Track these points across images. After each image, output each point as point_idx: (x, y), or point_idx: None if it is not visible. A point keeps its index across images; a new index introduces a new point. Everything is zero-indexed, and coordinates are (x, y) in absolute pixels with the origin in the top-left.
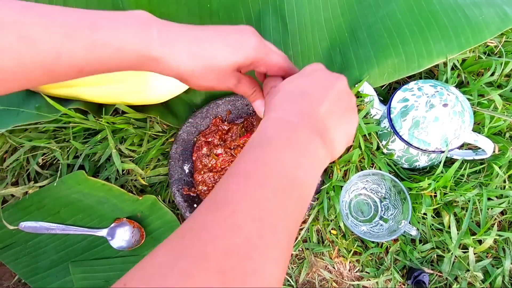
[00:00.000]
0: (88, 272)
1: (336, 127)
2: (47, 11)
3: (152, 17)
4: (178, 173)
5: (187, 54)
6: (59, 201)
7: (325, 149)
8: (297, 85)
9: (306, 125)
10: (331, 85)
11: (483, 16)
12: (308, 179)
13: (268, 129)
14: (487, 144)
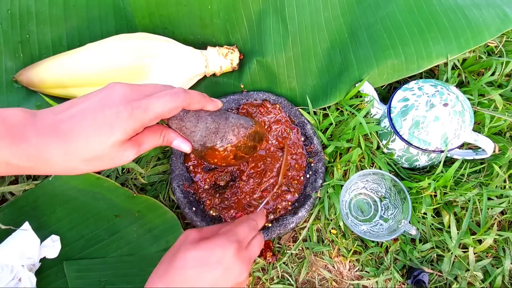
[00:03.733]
0: (82, 272)
1: None
2: None
3: (24, 119)
4: (179, 169)
5: (62, 157)
6: (54, 199)
7: None
8: (192, 276)
9: None
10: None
11: (483, 17)
12: None
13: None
14: (487, 144)
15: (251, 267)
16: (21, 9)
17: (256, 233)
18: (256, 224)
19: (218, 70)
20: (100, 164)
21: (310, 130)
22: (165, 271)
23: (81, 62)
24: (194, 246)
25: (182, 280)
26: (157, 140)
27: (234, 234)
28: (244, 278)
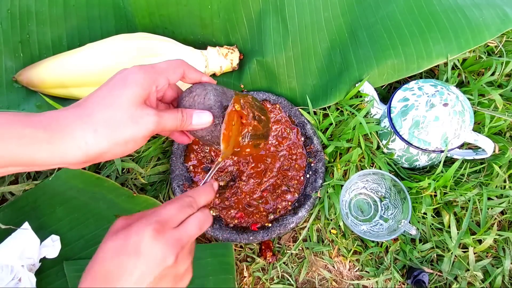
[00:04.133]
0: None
1: None
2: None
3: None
4: (179, 169)
5: (79, 121)
6: (54, 199)
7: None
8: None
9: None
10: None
11: (483, 17)
12: None
13: None
14: (487, 144)
15: (191, 250)
16: (21, 9)
17: (192, 210)
18: (192, 200)
19: (218, 70)
20: (121, 130)
21: (310, 130)
22: (90, 266)
23: (81, 62)
24: (114, 235)
25: (104, 273)
26: (176, 117)
27: (155, 215)
28: (171, 261)
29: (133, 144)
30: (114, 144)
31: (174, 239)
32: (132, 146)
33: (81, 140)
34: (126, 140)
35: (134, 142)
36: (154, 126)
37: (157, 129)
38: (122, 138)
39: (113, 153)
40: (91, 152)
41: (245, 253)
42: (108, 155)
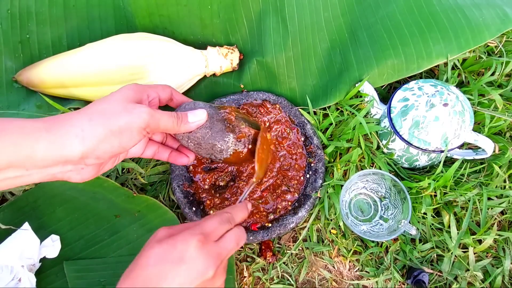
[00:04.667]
0: (83, 272)
1: None
2: None
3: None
4: (179, 169)
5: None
6: (54, 199)
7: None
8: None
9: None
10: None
11: (483, 17)
12: None
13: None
14: (487, 144)
15: (224, 263)
16: (21, 9)
17: (230, 226)
18: (230, 216)
19: (218, 70)
20: (116, 118)
21: (310, 130)
22: (130, 270)
23: (81, 62)
24: (158, 243)
25: (144, 278)
26: (171, 115)
27: (200, 227)
28: (211, 274)
29: (128, 135)
30: (109, 132)
31: (216, 252)
32: (128, 138)
33: (78, 128)
34: (120, 128)
35: (129, 132)
36: (148, 116)
37: (151, 121)
38: (117, 126)
39: (109, 145)
40: (88, 140)
41: (245, 253)
42: (105, 148)
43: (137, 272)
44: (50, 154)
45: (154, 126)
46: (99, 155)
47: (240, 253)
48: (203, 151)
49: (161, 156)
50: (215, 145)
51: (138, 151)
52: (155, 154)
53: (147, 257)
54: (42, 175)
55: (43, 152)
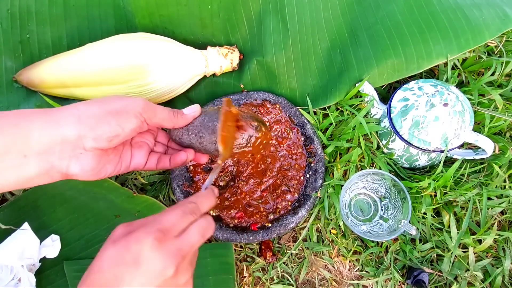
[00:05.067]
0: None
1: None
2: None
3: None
4: (179, 169)
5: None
6: (54, 199)
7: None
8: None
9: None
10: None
11: (483, 17)
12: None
13: None
14: (487, 144)
15: (192, 259)
16: (21, 9)
17: (194, 217)
18: (194, 206)
19: (218, 70)
20: (112, 102)
21: (310, 130)
22: (88, 273)
23: (81, 62)
24: (112, 244)
25: (100, 283)
26: (165, 108)
27: (157, 223)
28: (171, 273)
29: (125, 116)
30: (105, 112)
31: (175, 248)
32: (125, 118)
33: (73, 109)
34: (117, 109)
35: (125, 113)
36: (143, 103)
37: (147, 108)
38: (113, 107)
39: (106, 123)
40: (84, 117)
41: (245, 253)
42: (102, 127)
43: (93, 276)
44: (45, 134)
45: (151, 114)
46: (97, 135)
47: (240, 253)
48: (207, 139)
49: (164, 164)
50: (215, 126)
51: (141, 162)
52: (158, 164)
53: (101, 260)
54: (41, 163)
55: (38, 132)
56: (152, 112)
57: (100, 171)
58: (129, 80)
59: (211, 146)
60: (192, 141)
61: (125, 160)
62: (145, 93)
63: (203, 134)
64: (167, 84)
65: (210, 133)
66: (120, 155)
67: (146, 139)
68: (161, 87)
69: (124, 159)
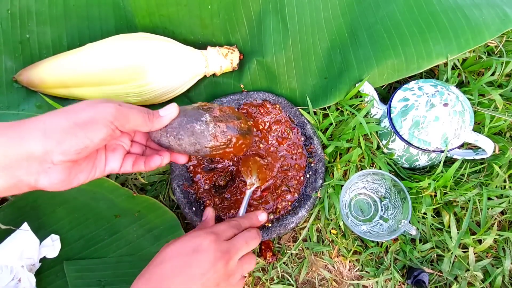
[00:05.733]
0: (82, 272)
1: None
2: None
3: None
4: (179, 169)
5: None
6: (54, 199)
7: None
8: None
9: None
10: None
11: (483, 17)
12: None
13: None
14: (487, 144)
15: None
16: (21, 9)
17: (238, 230)
18: (237, 223)
19: (218, 70)
20: (81, 112)
21: (310, 130)
22: (145, 271)
23: (81, 62)
24: (172, 243)
25: (160, 275)
26: (140, 110)
27: (210, 229)
28: (222, 266)
29: (94, 127)
30: (73, 124)
31: (225, 247)
32: (93, 130)
33: (40, 122)
34: (85, 120)
35: (94, 124)
36: (114, 110)
37: (118, 115)
38: (81, 119)
39: (74, 136)
40: (50, 131)
41: None
42: (70, 140)
43: (152, 270)
44: (10, 150)
45: (123, 121)
46: (65, 149)
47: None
48: (186, 141)
49: (139, 167)
50: (194, 128)
51: (115, 166)
52: (133, 167)
53: (161, 256)
54: (7, 177)
55: (3, 148)
56: (124, 119)
57: (71, 182)
58: (129, 80)
59: (191, 148)
60: (171, 143)
61: (99, 165)
62: (145, 93)
63: (182, 136)
64: (167, 84)
65: (189, 135)
66: (94, 162)
67: (122, 141)
68: (161, 87)
69: (98, 164)
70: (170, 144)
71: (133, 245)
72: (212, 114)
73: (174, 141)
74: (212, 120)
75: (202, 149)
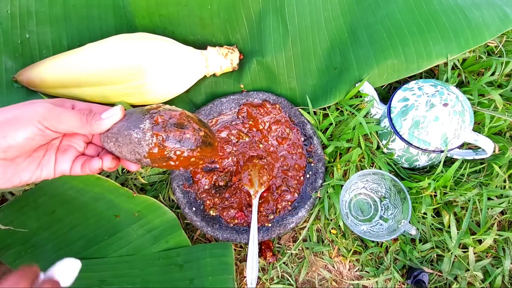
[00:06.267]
0: (82, 272)
1: None
2: None
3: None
4: None
5: None
6: (54, 199)
7: None
8: None
9: None
10: None
11: (483, 17)
12: None
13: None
14: (487, 144)
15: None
16: (21, 9)
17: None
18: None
19: (218, 70)
20: (7, 110)
21: (310, 130)
22: None
23: (81, 62)
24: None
25: None
26: (77, 114)
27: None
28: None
29: (18, 125)
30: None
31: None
32: (16, 127)
33: None
34: (8, 119)
35: (18, 123)
36: (44, 109)
37: (48, 115)
38: (5, 117)
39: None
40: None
41: (245, 253)
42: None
43: None
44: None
45: (54, 121)
46: None
47: (240, 253)
48: (124, 148)
49: (85, 170)
50: (131, 135)
51: (65, 167)
52: (81, 169)
53: None
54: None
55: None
56: (55, 119)
57: (11, 180)
58: (129, 80)
59: (132, 157)
60: (112, 149)
61: (46, 166)
62: (144, 93)
63: (120, 143)
64: (167, 84)
65: (128, 143)
66: (39, 161)
67: (74, 143)
68: (161, 87)
69: (46, 165)
70: (112, 150)
71: (133, 245)
72: (153, 120)
73: (114, 147)
74: (150, 129)
75: (142, 159)
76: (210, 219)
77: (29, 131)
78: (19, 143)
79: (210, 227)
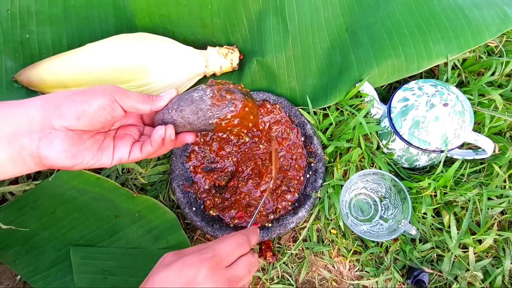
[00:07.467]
0: (87, 258)
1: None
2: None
3: None
4: (179, 169)
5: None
6: (54, 199)
7: None
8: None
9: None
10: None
11: (483, 17)
12: None
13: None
14: (487, 144)
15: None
16: (21, 9)
17: (245, 250)
18: (246, 239)
19: (218, 70)
20: (76, 91)
21: (310, 130)
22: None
23: (81, 62)
24: (165, 267)
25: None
26: (140, 94)
27: (211, 250)
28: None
29: (91, 94)
30: (70, 93)
31: (226, 278)
32: (90, 96)
33: (40, 96)
34: (83, 90)
35: (91, 93)
36: (114, 86)
37: (116, 90)
38: (80, 90)
39: (71, 101)
40: (48, 96)
41: None
42: (67, 104)
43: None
44: (12, 116)
45: (122, 95)
46: (63, 112)
47: None
48: (187, 110)
49: (147, 148)
50: (193, 96)
51: (124, 153)
52: (141, 150)
53: (152, 283)
54: (10, 146)
55: (7, 117)
56: (123, 94)
57: (75, 156)
58: (129, 80)
59: (194, 117)
60: (174, 117)
61: (106, 150)
62: (145, 93)
63: (182, 107)
64: (167, 84)
65: (189, 104)
66: (100, 144)
67: (130, 131)
68: (161, 87)
69: (106, 148)
70: (174, 119)
71: (133, 245)
72: (208, 84)
73: (177, 114)
74: (209, 86)
75: (205, 115)
76: (210, 219)
77: (102, 99)
78: (93, 110)
79: (210, 227)
